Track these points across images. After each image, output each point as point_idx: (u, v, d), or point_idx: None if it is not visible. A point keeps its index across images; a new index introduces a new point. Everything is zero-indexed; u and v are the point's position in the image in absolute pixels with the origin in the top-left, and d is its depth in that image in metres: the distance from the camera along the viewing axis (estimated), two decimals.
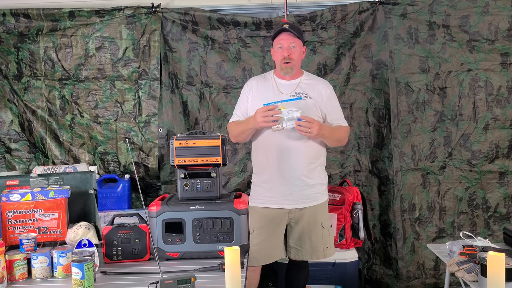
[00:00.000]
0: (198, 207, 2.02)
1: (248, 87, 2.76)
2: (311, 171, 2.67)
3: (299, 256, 2.76)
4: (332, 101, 2.73)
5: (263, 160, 2.69)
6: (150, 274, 1.85)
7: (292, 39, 2.62)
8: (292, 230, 2.73)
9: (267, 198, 2.67)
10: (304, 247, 2.73)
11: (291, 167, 2.62)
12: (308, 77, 2.77)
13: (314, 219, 2.70)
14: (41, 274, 1.84)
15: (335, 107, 2.75)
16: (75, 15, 3.48)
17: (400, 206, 3.48)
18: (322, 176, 2.75)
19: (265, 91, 2.70)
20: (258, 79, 2.80)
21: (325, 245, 2.75)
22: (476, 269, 2.13)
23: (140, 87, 3.53)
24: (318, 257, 2.77)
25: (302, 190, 2.65)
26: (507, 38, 3.46)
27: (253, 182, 2.78)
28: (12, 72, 3.54)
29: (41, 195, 2.04)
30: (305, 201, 2.67)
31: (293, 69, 2.65)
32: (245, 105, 2.72)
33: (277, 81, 2.72)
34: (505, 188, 3.52)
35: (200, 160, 2.10)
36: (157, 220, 2.01)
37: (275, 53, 2.68)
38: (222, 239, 2.01)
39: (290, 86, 2.69)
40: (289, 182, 2.63)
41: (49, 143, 3.55)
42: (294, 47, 2.63)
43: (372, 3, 3.48)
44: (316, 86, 2.72)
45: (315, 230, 2.71)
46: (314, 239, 2.71)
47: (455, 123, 3.50)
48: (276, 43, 2.66)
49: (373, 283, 3.63)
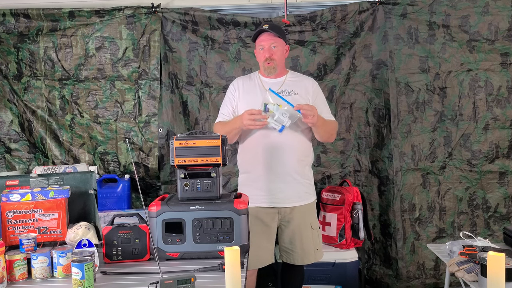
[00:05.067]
0: (198, 207, 2.02)
1: (234, 87, 2.77)
2: (301, 168, 2.68)
3: (290, 260, 2.74)
4: (319, 97, 2.76)
5: (252, 158, 2.68)
6: (150, 274, 1.84)
7: (273, 39, 2.65)
8: (283, 232, 2.71)
9: (257, 197, 2.62)
10: (296, 251, 2.70)
11: (282, 163, 2.62)
12: (293, 75, 2.80)
13: (303, 220, 2.70)
14: (41, 274, 1.84)
15: (322, 102, 2.76)
16: (75, 15, 3.48)
17: (400, 206, 3.48)
18: (310, 176, 2.77)
19: (251, 90, 2.72)
20: (244, 79, 2.82)
21: (316, 247, 2.74)
22: (476, 269, 2.13)
23: (140, 87, 3.53)
24: (310, 261, 2.75)
25: (293, 187, 2.65)
26: (507, 38, 3.46)
27: (241, 182, 2.76)
28: (12, 72, 3.54)
29: (41, 195, 2.04)
30: (295, 199, 2.66)
31: (275, 68, 2.67)
32: (232, 104, 2.73)
33: (263, 80, 2.74)
34: (505, 188, 3.52)
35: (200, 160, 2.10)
36: (157, 220, 2.01)
37: (258, 54, 2.72)
38: (222, 239, 2.01)
39: (276, 84, 2.71)
40: (280, 178, 2.63)
41: (49, 143, 3.55)
42: (275, 47, 2.65)
43: (372, 3, 3.48)
44: (302, 82, 2.75)
45: (305, 232, 2.70)
46: (305, 241, 2.70)
47: (455, 123, 3.50)
48: (258, 44, 2.69)
49: (373, 283, 3.63)
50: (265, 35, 2.66)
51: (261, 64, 2.71)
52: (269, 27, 2.64)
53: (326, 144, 3.52)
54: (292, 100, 2.58)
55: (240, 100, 2.72)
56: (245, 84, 2.76)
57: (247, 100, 2.69)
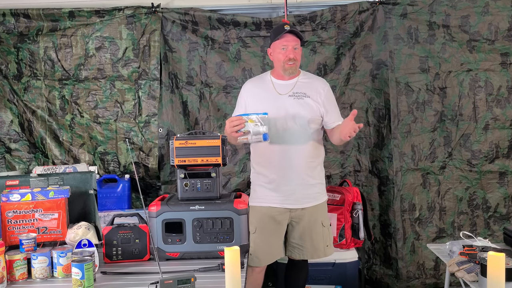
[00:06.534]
0: (198, 207, 2.02)
1: (245, 91, 2.77)
2: (312, 170, 2.69)
3: (300, 256, 2.77)
4: (330, 100, 2.76)
5: (264, 161, 2.70)
6: (150, 274, 1.85)
7: (296, 41, 2.64)
8: (294, 229, 2.73)
9: (270, 197, 2.67)
10: (306, 246, 2.73)
11: (293, 166, 2.64)
12: (305, 76, 2.78)
13: (314, 218, 2.72)
14: (41, 274, 1.84)
15: (334, 106, 2.77)
16: (75, 15, 3.48)
17: (400, 206, 3.48)
18: (322, 175, 2.78)
19: (262, 92, 2.71)
20: (254, 81, 2.82)
21: (326, 244, 2.77)
22: (476, 269, 2.13)
23: (140, 87, 3.53)
24: (319, 256, 2.79)
25: (304, 190, 2.67)
26: (507, 38, 3.46)
27: (254, 182, 2.78)
28: (12, 72, 3.54)
29: (41, 195, 2.04)
30: (306, 200, 2.69)
31: (296, 69, 2.68)
32: (242, 109, 2.71)
33: (274, 82, 2.73)
34: (505, 188, 3.52)
35: (200, 160, 2.10)
36: (157, 220, 2.01)
37: (278, 54, 2.66)
38: (222, 239, 2.01)
39: (288, 86, 2.69)
40: (291, 181, 2.65)
41: (49, 143, 3.55)
42: (296, 48, 2.65)
43: (372, 3, 3.48)
44: (314, 84, 2.74)
45: (316, 229, 2.73)
46: (315, 238, 2.73)
47: (455, 123, 3.50)
48: (280, 43, 2.64)
49: (373, 283, 3.63)
50: (289, 35, 2.63)
51: (279, 64, 2.66)
52: (291, 28, 2.63)
53: (326, 144, 3.50)
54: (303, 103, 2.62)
55: (252, 103, 2.70)
56: (256, 87, 2.75)
57: (258, 105, 2.65)
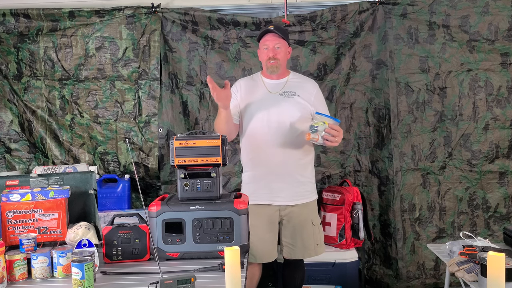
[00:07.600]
0: (198, 207, 2.02)
1: (236, 88, 2.81)
2: (302, 168, 2.72)
3: (291, 255, 2.79)
4: (320, 100, 2.81)
5: (253, 158, 2.73)
6: (150, 274, 1.85)
7: (277, 40, 2.69)
8: (285, 228, 2.76)
9: (259, 195, 2.69)
10: (296, 245, 2.76)
11: (282, 164, 2.67)
12: (295, 76, 2.84)
13: (304, 216, 2.75)
14: (41, 274, 1.84)
15: (323, 106, 2.81)
16: (75, 15, 3.48)
17: (400, 206, 3.48)
18: (312, 174, 2.82)
19: (254, 90, 2.76)
20: (246, 80, 2.87)
21: (316, 242, 2.79)
22: (476, 269, 2.13)
23: (140, 87, 3.53)
24: (310, 255, 2.80)
25: (294, 187, 2.70)
26: (507, 38, 3.46)
27: (244, 180, 2.81)
28: (12, 72, 3.54)
29: (41, 195, 2.04)
30: (296, 198, 2.72)
31: (278, 68, 2.71)
32: (234, 103, 2.73)
33: (265, 81, 2.79)
34: (505, 188, 3.52)
35: (200, 160, 2.10)
36: (157, 220, 2.01)
37: (261, 54, 2.76)
38: (222, 239, 2.01)
39: (278, 85, 2.75)
40: (280, 178, 2.68)
41: (49, 143, 3.55)
42: (279, 47, 2.70)
43: (372, 3, 3.48)
44: (304, 84, 2.79)
45: (306, 228, 2.75)
46: (306, 237, 2.75)
47: (455, 123, 3.50)
48: (262, 43, 2.74)
49: (373, 283, 3.63)
50: (270, 35, 2.70)
51: (264, 63, 2.75)
52: (274, 28, 2.70)
53: None
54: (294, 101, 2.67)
55: (243, 101, 2.75)
56: (247, 85, 2.80)
57: (249, 100, 2.73)
